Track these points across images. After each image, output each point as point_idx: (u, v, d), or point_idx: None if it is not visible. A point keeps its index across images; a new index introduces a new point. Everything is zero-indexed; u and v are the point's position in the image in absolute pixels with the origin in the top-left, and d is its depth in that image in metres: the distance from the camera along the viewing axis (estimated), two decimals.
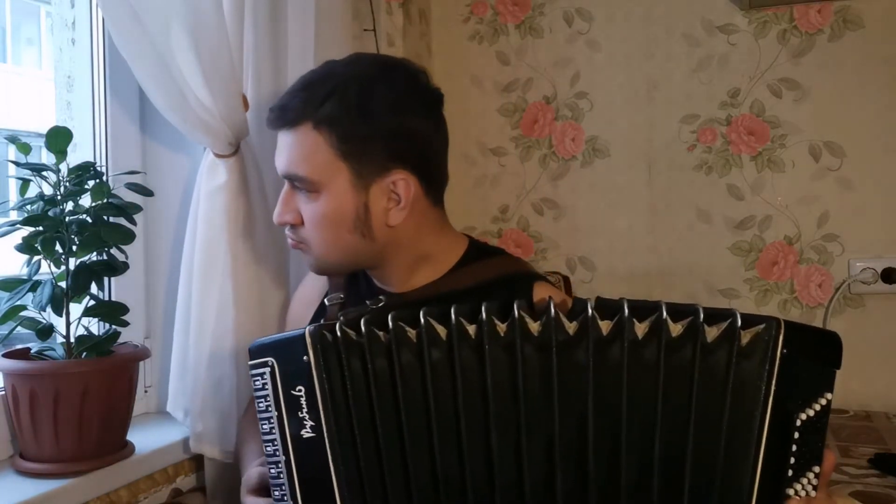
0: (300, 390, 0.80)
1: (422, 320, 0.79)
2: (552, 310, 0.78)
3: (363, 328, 0.80)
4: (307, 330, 0.80)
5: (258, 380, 0.82)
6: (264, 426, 0.81)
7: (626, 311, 0.77)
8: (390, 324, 0.79)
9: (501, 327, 0.78)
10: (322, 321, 1.03)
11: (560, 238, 1.92)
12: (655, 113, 1.85)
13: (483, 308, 0.79)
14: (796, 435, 0.79)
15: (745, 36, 1.77)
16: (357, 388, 0.80)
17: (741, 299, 1.78)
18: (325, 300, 1.07)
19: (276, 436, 0.80)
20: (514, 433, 0.78)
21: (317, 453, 0.79)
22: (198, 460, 1.22)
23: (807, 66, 1.73)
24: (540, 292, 1.00)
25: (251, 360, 0.82)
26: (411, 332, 0.80)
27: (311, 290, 1.16)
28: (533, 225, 1.95)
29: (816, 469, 0.79)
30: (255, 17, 1.26)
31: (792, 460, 0.79)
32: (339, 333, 0.80)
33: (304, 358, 0.80)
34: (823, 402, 0.80)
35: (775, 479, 0.79)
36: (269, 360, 0.81)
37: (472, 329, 0.79)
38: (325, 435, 0.79)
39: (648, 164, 1.85)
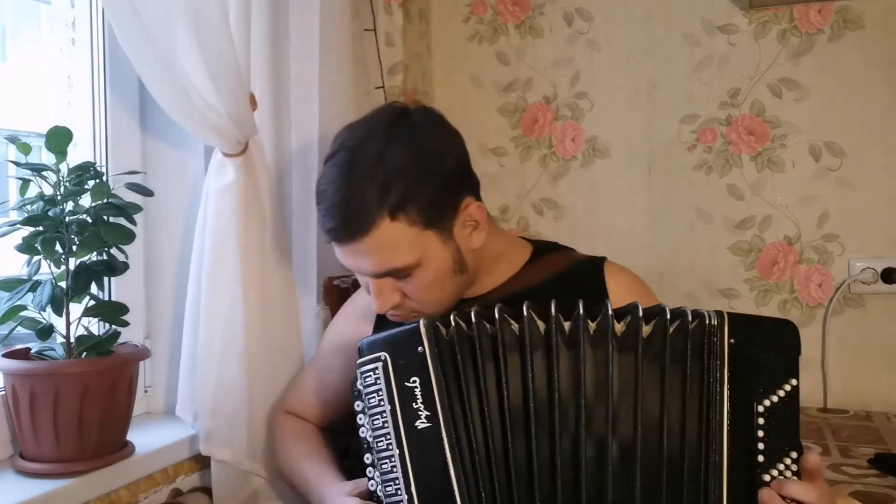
0: (414, 381, 0.82)
1: (525, 313, 0.83)
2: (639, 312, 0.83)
3: (474, 320, 0.83)
4: (421, 322, 0.83)
5: (369, 376, 0.84)
6: (376, 421, 0.83)
7: (640, 312, 0.83)
8: (496, 316, 0.83)
9: (592, 326, 0.83)
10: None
11: (560, 238, 1.89)
12: (655, 113, 1.85)
13: (580, 305, 0.83)
14: (761, 421, 0.81)
15: (745, 36, 1.77)
16: (468, 378, 0.82)
17: (741, 299, 1.78)
18: (388, 315, 1.06)
19: (390, 429, 0.82)
20: (602, 423, 0.82)
21: (432, 443, 0.81)
22: (198, 460, 1.22)
23: (807, 66, 1.73)
24: (612, 269, 1.08)
25: (362, 357, 0.85)
26: (515, 326, 0.83)
27: (364, 306, 1.16)
28: (533, 225, 1.95)
29: (794, 455, 0.81)
30: (258, 17, 1.26)
31: (761, 446, 0.81)
32: (452, 325, 0.83)
33: (419, 349, 0.83)
34: (788, 388, 0.82)
35: (746, 465, 0.81)
36: (382, 354, 0.84)
37: (567, 325, 0.83)
38: (442, 424, 0.81)
39: (648, 164, 1.85)
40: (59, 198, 1.01)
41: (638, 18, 1.85)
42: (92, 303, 1.05)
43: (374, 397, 0.83)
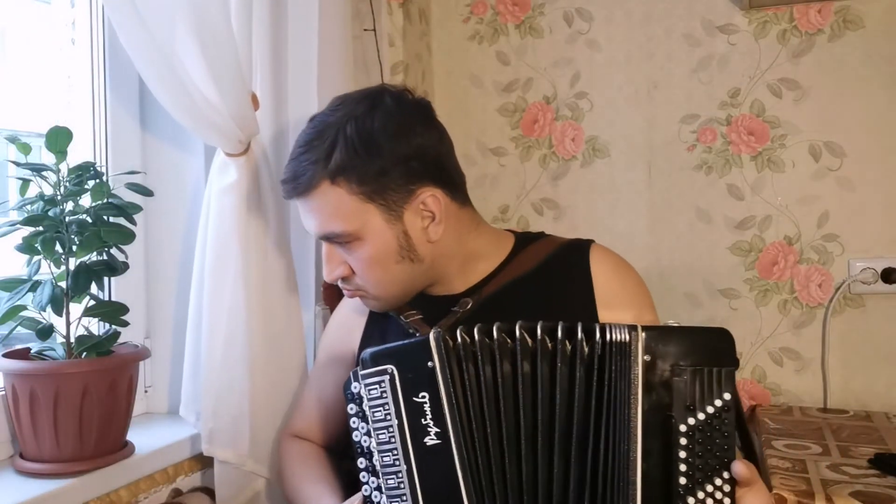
0: (423, 397, 0.81)
1: (517, 333, 0.82)
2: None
3: (476, 336, 0.82)
4: (432, 336, 0.82)
5: (374, 388, 0.82)
6: (381, 435, 0.81)
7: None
8: (495, 334, 0.82)
9: (567, 347, 0.82)
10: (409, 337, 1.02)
11: None
12: (655, 113, 1.85)
13: (560, 327, 0.82)
14: (683, 441, 0.78)
15: (745, 36, 1.77)
16: (477, 394, 0.81)
17: (741, 299, 1.78)
18: (402, 317, 1.06)
19: (397, 445, 0.80)
20: (582, 436, 0.81)
21: (442, 461, 0.80)
22: (198, 460, 1.22)
23: (807, 66, 1.73)
24: (597, 253, 1.07)
25: (366, 368, 0.83)
26: (510, 344, 0.82)
27: (349, 315, 1.17)
28: (533, 225, 1.95)
29: (726, 475, 0.78)
30: (259, 17, 1.26)
31: (683, 467, 0.78)
32: (459, 340, 0.82)
33: (429, 364, 0.81)
34: (718, 403, 0.79)
35: (662, 488, 0.78)
36: (389, 367, 0.82)
37: (567, 344, 0.82)
38: (453, 442, 0.80)
39: (648, 164, 1.85)
40: (59, 198, 1.01)
41: (638, 18, 1.85)
42: (92, 303, 1.05)
43: (379, 411, 0.82)
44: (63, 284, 1.01)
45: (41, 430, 0.99)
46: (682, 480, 0.78)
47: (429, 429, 0.80)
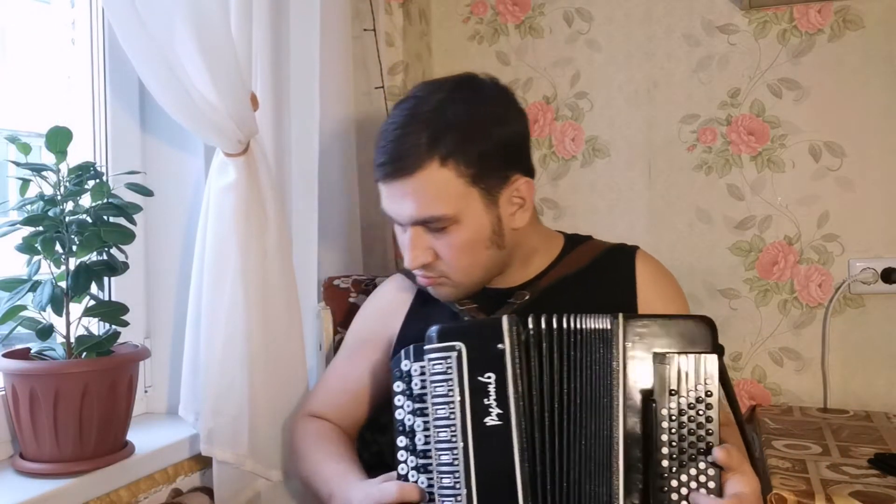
0: (489, 377, 0.82)
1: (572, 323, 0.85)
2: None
3: (543, 325, 0.85)
4: (505, 319, 0.84)
5: (439, 364, 0.83)
6: (441, 411, 0.82)
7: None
8: (554, 323, 0.85)
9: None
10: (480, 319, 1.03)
11: None
12: (655, 113, 1.85)
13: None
14: (664, 424, 0.80)
15: (745, 36, 1.77)
16: (539, 381, 0.83)
17: (741, 299, 1.78)
18: (457, 304, 1.07)
19: (456, 421, 0.82)
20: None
21: (500, 442, 0.81)
22: (198, 460, 1.22)
23: (807, 66, 1.73)
24: (642, 258, 1.13)
25: (434, 343, 0.84)
26: (569, 333, 0.85)
27: (391, 302, 1.17)
28: None
29: (710, 459, 0.80)
30: (259, 17, 1.26)
31: (665, 450, 0.80)
32: (531, 327, 0.84)
33: (499, 346, 0.83)
34: (700, 387, 0.81)
35: (644, 470, 0.80)
36: (457, 344, 0.83)
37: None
38: (514, 424, 0.81)
39: (648, 164, 1.85)
40: (59, 198, 1.01)
41: (638, 18, 1.85)
42: (92, 303, 1.05)
43: (441, 386, 0.83)
44: (63, 284, 1.01)
45: (41, 430, 0.99)
46: (665, 463, 0.80)
47: (490, 409, 0.81)
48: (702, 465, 0.80)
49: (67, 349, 1.02)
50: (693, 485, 0.79)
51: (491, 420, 0.81)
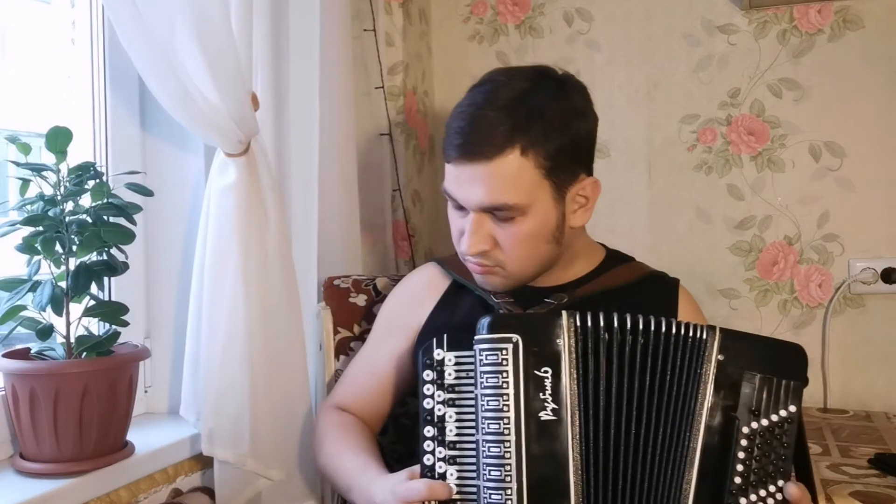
0: (546, 371, 0.81)
1: (641, 326, 0.85)
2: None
3: (603, 323, 0.84)
4: (564, 314, 0.83)
5: (493, 355, 0.81)
6: (492, 402, 0.81)
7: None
8: (615, 323, 0.85)
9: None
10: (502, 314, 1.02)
11: None
12: (655, 113, 1.85)
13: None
14: (744, 442, 0.81)
15: (745, 36, 1.77)
16: (594, 380, 0.83)
17: (741, 299, 1.78)
18: (494, 297, 1.06)
19: (510, 413, 0.80)
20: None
21: (553, 436, 0.80)
22: (198, 460, 1.22)
23: (807, 66, 1.73)
24: (684, 292, 1.12)
25: (488, 333, 0.82)
26: (627, 338, 0.85)
27: (421, 290, 1.15)
28: None
29: (780, 483, 0.80)
30: (259, 17, 1.26)
31: (740, 468, 0.80)
32: (590, 325, 0.84)
33: (558, 341, 0.82)
34: (783, 413, 0.81)
35: (716, 483, 0.80)
36: (514, 336, 0.81)
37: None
38: (568, 420, 0.81)
39: (648, 164, 1.85)
40: (59, 198, 1.01)
41: (638, 18, 1.85)
42: (92, 303, 1.05)
43: (494, 378, 0.81)
44: (63, 284, 1.01)
45: (41, 430, 0.99)
46: (738, 480, 0.80)
47: (546, 404, 0.81)
48: (771, 489, 0.81)
49: (67, 349, 1.02)
50: None
51: (545, 415, 0.80)
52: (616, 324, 0.85)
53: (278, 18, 1.35)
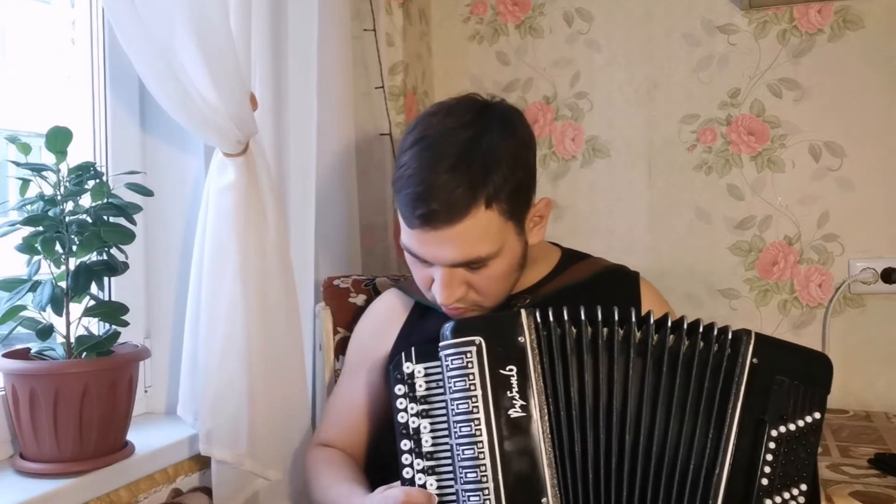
0: (511, 370, 0.82)
1: (600, 317, 0.86)
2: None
3: (566, 317, 0.85)
4: (523, 312, 0.84)
5: (458, 359, 0.82)
6: (461, 405, 0.82)
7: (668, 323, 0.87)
8: (583, 318, 0.85)
9: (637, 335, 0.86)
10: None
11: (560, 238, 1.90)
12: (655, 113, 1.85)
13: (632, 313, 0.86)
14: (772, 445, 0.82)
15: (745, 36, 1.77)
16: (559, 373, 0.84)
17: (741, 299, 1.78)
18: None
19: (480, 415, 0.81)
20: (638, 427, 0.85)
21: (524, 433, 0.81)
22: (198, 460, 1.22)
23: (807, 66, 1.73)
24: (647, 284, 1.12)
25: (453, 338, 0.83)
26: (590, 331, 0.86)
27: (383, 320, 1.16)
28: None
29: (803, 487, 0.81)
30: (258, 17, 1.26)
31: (767, 469, 0.82)
32: (551, 321, 0.85)
33: (520, 339, 0.83)
34: (809, 419, 0.84)
35: (746, 484, 0.81)
36: (477, 339, 0.83)
37: (638, 333, 0.86)
38: (536, 415, 0.82)
39: (648, 164, 1.85)
40: (59, 198, 1.01)
41: (638, 18, 1.85)
42: (92, 303, 1.05)
43: (461, 381, 0.82)
44: (63, 284, 1.01)
45: (41, 430, 0.99)
46: (765, 482, 0.81)
47: (514, 401, 0.81)
48: (794, 492, 0.82)
49: (67, 349, 1.02)
50: None
51: (515, 412, 0.81)
52: (577, 317, 0.86)
53: (277, 18, 1.35)
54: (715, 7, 1.79)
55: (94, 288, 1.03)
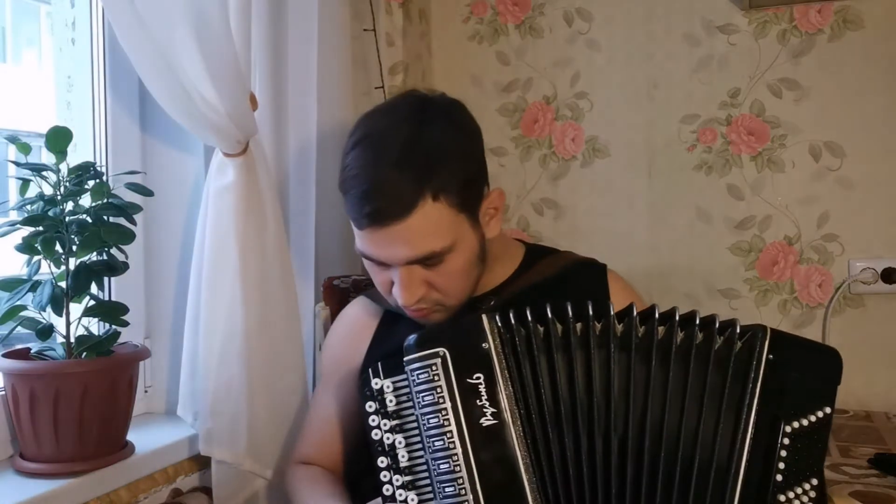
0: (478, 378, 0.81)
1: (569, 314, 0.84)
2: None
3: (530, 318, 0.84)
4: (484, 317, 0.83)
5: (424, 372, 0.81)
6: (432, 420, 0.80)
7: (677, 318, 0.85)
8: (550, 316, 0.84)
9: (618, 328, 0.84)
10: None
11: (560, 238, 1.92)
12: (655, 113, 1.85)
13: (610, 308, 0.84)
14: (785, 441, 0.81)
15: (745, 36, 1.77)
16: (528, 375, 0.82)
17: (741, 299, 1.78)
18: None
19: (451, 427, 0.80)
20: (638, 424, 0.83)
21: (498, 441, 0.80)
22: (198, 460, 1.22)
23: (807, 66, 1.73)
24: (614, 276, 1.10)
25: (416, 352, 0.82)
26: (559, 328, 0.84)
27: (352, 331, 1.14)
28: (533, 225, 1.95)
29: (814, 481, 0.81)
30: (258, 17, 1.26)
31: (781, 465, 0.81)
32: (513, 322, 0.83)
33: (484, 345, 0.81)
34: (820, 414, 0.82)
35: (762, 479, 0.81)
36: (440, 350, 0.81)
37: (619, 328, 0.84)
38: (509, 422, 0.80)
39: (648, 164, 1.85)
40: (59, 198, 1.01)
41: (638, 18, 1.85)
42: (92, 303, 1.05)
43: (429, 395, 0.80)
44: (63, 284, 1.01)
45: (41, 430, 0.99)
46: (779, 477, 0.81)
47: (484, 409, 0.80)
48: (807, 486, 0.82)
49: (67, 349, 1.02)
50: (797, 503, 0.81)
51: (486, 420, 0.80)
52: (543, 315, 0.84)
53: (277, 18, 1.35)
54: (715, 7, 1.79)
55: (94, 288, 1.03)
